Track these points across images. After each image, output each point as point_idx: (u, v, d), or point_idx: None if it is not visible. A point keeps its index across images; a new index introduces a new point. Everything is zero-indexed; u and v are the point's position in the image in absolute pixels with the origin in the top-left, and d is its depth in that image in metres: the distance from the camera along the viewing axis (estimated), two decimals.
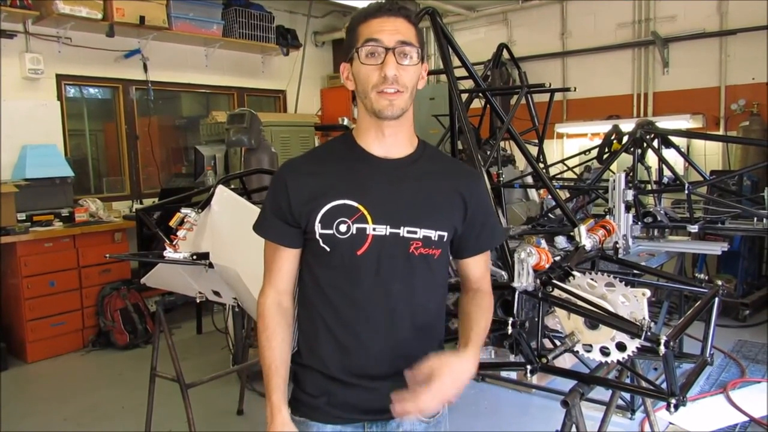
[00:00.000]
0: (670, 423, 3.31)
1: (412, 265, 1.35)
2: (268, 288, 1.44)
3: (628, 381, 2.35)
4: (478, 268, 1.50)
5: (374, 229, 1.33)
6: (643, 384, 2.09)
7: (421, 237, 1.35)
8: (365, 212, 1.33)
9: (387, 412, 1.37)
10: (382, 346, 1.37)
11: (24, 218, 4.86)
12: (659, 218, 3.26)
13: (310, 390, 1.41)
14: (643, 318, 1.70)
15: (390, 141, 1.38)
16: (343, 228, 1.32)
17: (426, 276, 1.39)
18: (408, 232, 1.34)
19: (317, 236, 1.34)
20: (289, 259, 1.42)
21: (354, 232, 1.32)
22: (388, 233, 1.33)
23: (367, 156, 1.39)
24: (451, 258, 1.50)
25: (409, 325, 1.38)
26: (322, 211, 1.33)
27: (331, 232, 1.33)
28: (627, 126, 3.88)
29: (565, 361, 3.15)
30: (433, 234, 1.36)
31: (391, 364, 1.37)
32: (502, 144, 3.96)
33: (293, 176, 1.39)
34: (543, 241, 2.11)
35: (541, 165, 4.05)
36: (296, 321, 1.46)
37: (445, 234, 1.38)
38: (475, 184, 1.47)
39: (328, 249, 1.34)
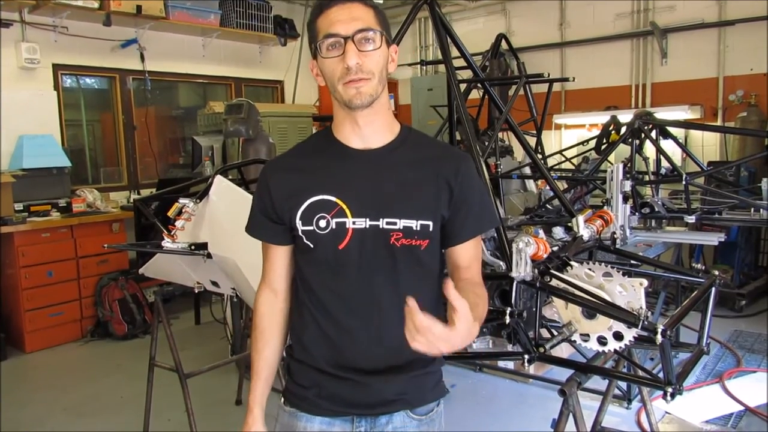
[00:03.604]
0: (667, 412, 3.33)
1: (394, 257, 1.32)
2: (263, 286, 1.46)
3: (624, 370, 2.37)
4: (466, 255, 1.41)
5: (354, 223, 1.31)
6: (640, 373, 2.10)
7: (402, 228, 1.31)
8: (344, 206, 1.31)
9: (376, 407, 1.38)
10: (370, 341, 1.35)
11: (21, 208, 4.85)
12: (657, 209, 3.27)
13: (300, 381, 1.41)
14: (640, 308, 1.71)
15: (366, 131, 1.36)
16: (322, 223, 1.32)
17: (412, 268, 1.35)
18: (387, 223, 1.31)
19: (300, 233, 1.34)
20: (281, 256, 1.43)
21: (334, 226, 1.31)
22: (368, 226, 1.31)
23: (345, 149, 1.37)
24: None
25: (397, 319, 1.30)
26: (302, 208, 1.33)
27: (311, 228, 1.33)
28: (625, 117, 3.89)
29: (563, 351, 3.17)
30: (415, 224, 1.32)
31: (381, 359, 1.35)
32: (500, 135, 3.96)
33: (275, 174, 1.40)
34: (541, 232, 2.11)
35: (539, 156, 4.05)
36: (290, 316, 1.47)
37: (429, 223, 1.33)
38: (461, 166, 1.39)
39: (312, 245, 1.34)
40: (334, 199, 1.32)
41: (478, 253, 1.46)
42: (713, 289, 2.09)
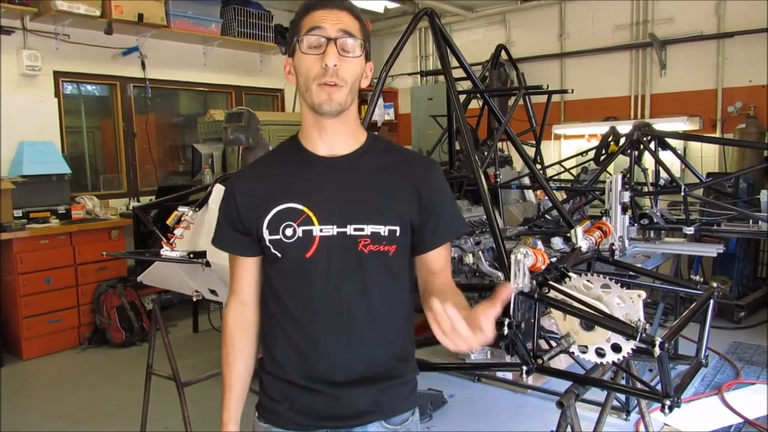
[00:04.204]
0: (665, 424, 3.32)
1: (363, 264, 1.32)
2: (232, 299, 1.45)
3: (623, 382, 2.36)
4: (439, 260, 1.41)
5: (321, 231, 1.30)
6: (638, 385, 2.10)
7: (369, 234, 1.31)
8: (310, 214, 1.31)
9: (349, 419, 1.36)
10: (341, 351, 1.33)
11: (20, 215, 4.85)
12: (655, 220, 3.27)
13: (272, 395, 1.40)
14: (639, 319, 1.71)
15: (333, 138, 1.36)
16: (289, 232, 1.31)
17: (381, 274, 1.34)
18: (355, 229, 1.30)
19: (267, 243, 1.33)
20: (249, 268, 1.42)
21: (300, 235, 1.30)
22: (335, 233, 1.30)
23: (311, 156, 1.37)
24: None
25: (368, 327, 1.34)
26: (268, 217, 1.32)
27: (278, 237, 1.31)
28: (624, 128, 3.90)
29: (561, 362, 3.17)
30: (383, 229, 1.32)
31: (353, 369, 1.34)
32: (499, 145, 3.97)
33: (240, 184, 1.39)
34: (539, 243, 2.11)
35: (539, 166, 4.06)
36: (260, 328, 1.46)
37: (397, 228, 1.33)
38: (428, 172, 1.40)
39: (279, 254, 1.33)
40: (300, 207, 1.31)
41: (449, 257, 1.47)
42: (712, 300, 2.09)
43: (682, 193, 3.24)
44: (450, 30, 7.31)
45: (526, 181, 3.77)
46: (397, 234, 1.33)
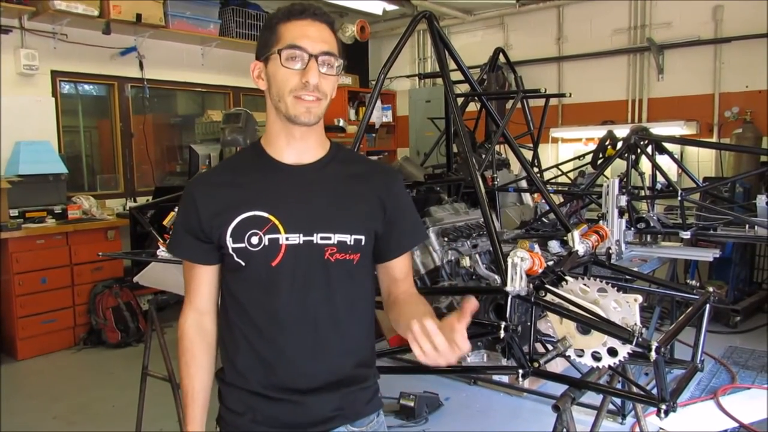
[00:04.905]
0: (661, 428, 3.32)
1: (329, 273, 1.32)
2: (188, 309, 1.41)
3: (619, 386, 2.36)
4: (403, 267, 1.45)
5: (287, 239, 1.29)
6: (634, 389, 2.09)
7: (336, 242, 1.31)
8: (276, 222, 1.29)
9: (315, 426, 1.35)
10: (307, 359, 1.33)
11: (16, 214, 4.84)
12: (652, 224, 3.28)
13: (234, 407, 1.38)
14: (635, 323, 1.71)
15: (300, 146, 1.35)
16: (254, 240, 1.29)
17: (346, 282, 1.35)
18: (321, 238, 1.31)
19: (230, 251, 1.31)
20: (206, 276, 1.39)
21: (266, 243, 1.29)
22: (301, 241, 1.30)
23: (277, 164, 1.36)
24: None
25: (333, 336, 1.34)
26: (232, 224, 1.30)
27: (243, 245, 1.29)
28: (621, 132, 3.91)
29: (557, 366, 3.17)
30: (349, 238, 1.32)
31: (317, 377, 1.34)
32: (497, 148, 3.97)
33: (201, 190, 1.36)
34: (536, 246, 2.11)
35: (536, 169, 4.07)
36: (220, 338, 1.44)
37: (362, 237, 1.34)
38: (392, 183, 1.43)
39: (243, 263, 1.31)
40: (266, 215, 1.30)
41: (411, 264, 1.51)
42: (708, 305, 2.10)
43: (679, 198, 3.24)
44: (448, 33, 7.32)
45: (524, 184, 3.78)
46: (363, 243, 1.35)
